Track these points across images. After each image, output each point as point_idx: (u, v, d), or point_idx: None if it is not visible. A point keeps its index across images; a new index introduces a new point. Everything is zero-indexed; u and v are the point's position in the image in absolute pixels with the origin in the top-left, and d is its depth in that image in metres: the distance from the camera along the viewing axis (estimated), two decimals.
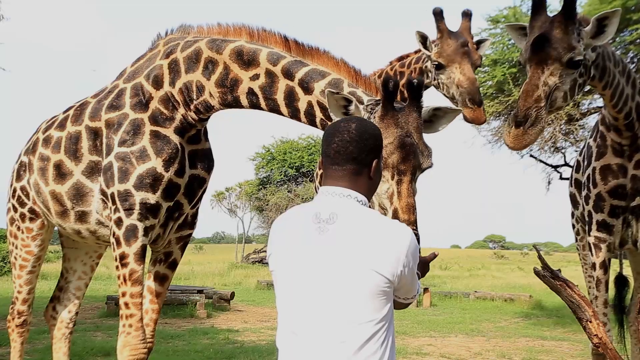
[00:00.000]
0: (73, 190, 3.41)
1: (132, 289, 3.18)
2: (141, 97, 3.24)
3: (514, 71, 9.84)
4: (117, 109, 3.26)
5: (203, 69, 3.10)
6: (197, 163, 3.37)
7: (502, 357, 7.35)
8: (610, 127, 4.06)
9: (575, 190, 5.02)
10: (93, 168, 3.35)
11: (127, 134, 3.17)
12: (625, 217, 4.18)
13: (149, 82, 3.25)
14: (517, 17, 9.69)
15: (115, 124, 3.22)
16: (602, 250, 4.24)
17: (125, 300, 3.20)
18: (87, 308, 11.19)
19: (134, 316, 3.19)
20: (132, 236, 3.17)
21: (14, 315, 4.04)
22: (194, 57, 3.13)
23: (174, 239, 3.61)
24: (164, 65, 3.23)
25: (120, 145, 3.16)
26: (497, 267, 34.91)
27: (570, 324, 9.97)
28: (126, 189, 3.12)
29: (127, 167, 3.12)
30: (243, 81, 2.99)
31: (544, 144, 10.45)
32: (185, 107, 3.21)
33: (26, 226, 3.84)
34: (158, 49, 3.35)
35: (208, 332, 8.74)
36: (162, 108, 3.21)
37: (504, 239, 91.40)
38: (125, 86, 3.32)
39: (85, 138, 3.35)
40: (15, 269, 3.94)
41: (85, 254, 4.38)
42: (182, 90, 3.19)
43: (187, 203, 3.41)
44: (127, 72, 3.43)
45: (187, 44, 3.20)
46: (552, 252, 62.46)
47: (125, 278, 3.19)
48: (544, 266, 3.05)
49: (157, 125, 3.18)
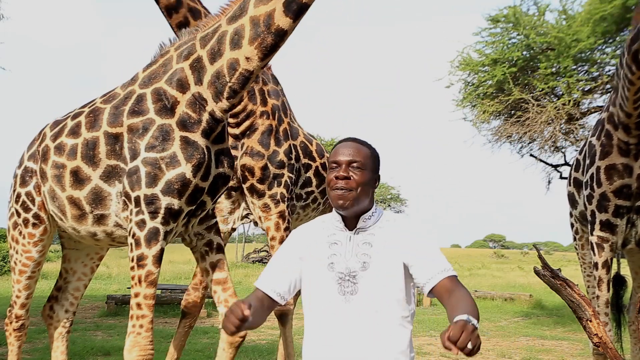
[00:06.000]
0: (92, 195, 3.46)
1: (147, 291, 3.21)
2: (165, 102, 3.27)
3: (514, 70, 9.83)
4: (140, 114, 3.29)
5: (231, 46, 3.11)
6: (223, 161, 3.43)
7: (502, 356, 7.35)
8: (618, 125, 4.03)
9: (574, 190, 4.99)
10: (111, 172, 3.38)
11: (155, 139, 3.20)
12: (630, 217, 4.16)
13: (173, 87, 3.28)
14: (517, 17, 9.69)
15: (140, 129, 3.25)
16: (604, 250, 4.23)
17: (138, 300, 3.22)
18: (87, 308, 11.20)
19: (145, 317, 3.21)
20: (154, 239, 3.20)
21: (12, 319, 4.03)
22: (217, 45, 3.15)
23: (203, 230, 3.66)
24: (185, 68, 3.27)
25: (148, 151, 3.19)
26: (497, 267, 34.92)
27: (571, 324, 9.98)
28: (153, 193, 3.17)
29: (156, 173, 3.17)
30: (276, 9, 2.97)
31: (544, 143, 10.45)
32: (215, 100, 3.24)
33: (28, 232, 3.83)
34: (170, 55, 3.38)
35: (208, 331, 8.74)
36: (190, 112, 3.25)
37: (504, 238, 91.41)
38: (143, 91, 3.35)
39: (103, 143, 3.38)
40: (15, 274, 3.93)
41: (86, 255, 4.38)
42: (212, 82, 3.21)
43: (210, 201, 3.47)
44: (140, 77, 3.45)
45: (207, 37, 3.22)
46: (552, 251, 62.46)
47: (141, 279, 3.21)
48: (544, 265, 3.05)
49: (186, 130, 3.23)
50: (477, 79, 10.63)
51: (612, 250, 4.26)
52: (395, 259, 1.83)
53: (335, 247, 1.89)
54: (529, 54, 10.04)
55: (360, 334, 1.77)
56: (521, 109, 10.31)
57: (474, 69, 10.48)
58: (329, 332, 1.80)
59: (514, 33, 10.06)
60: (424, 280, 1.79)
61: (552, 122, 9.88)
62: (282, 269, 1.97)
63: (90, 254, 4.39)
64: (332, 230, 1.93)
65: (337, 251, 1.87)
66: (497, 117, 11.03)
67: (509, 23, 9.96)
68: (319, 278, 1.86)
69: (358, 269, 1.81)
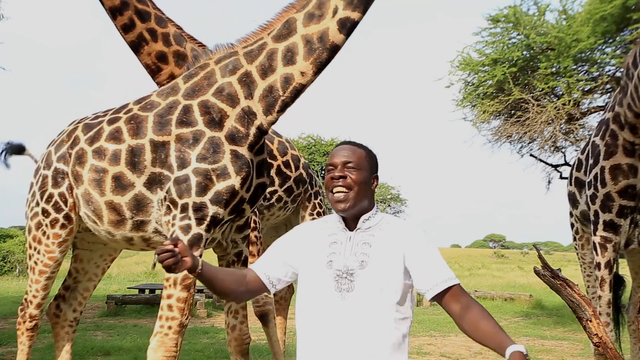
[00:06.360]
0: (134, 201, 3.52)
1: (181, 294, 3.28)
2: (213, 116, 3.39)
3: (514, 70, 9.83)
4: (189, 125, 3.40)
5: (284, 62, 3.32)
6: (262, 172, 3.60)
7: (502, 356, 7.34)
8: (624, 125, 4.01)
9: (576, 189, 4.96)
10: (154, 179, 3.46)
11: (207, 151, 3.33)
12: (633, 217, 4.15)
13: (222, 100, 3.40)
14: (517, 16, 9.69)
15: (190, 139, 3.36)
16: (607, 250, 4.22)
17: (170, 302, 3.28)
18: (88, 307, 11.20)
19: (175, 319, 3.28)
20: (196, 244, 3.28)
21: (25, 319, 4.01)
22: (267, 62, 3.35)
23: (239, 239, 3.80)
24: (234, 82, 3.40)
25: (199, 161, 3.32)
26: (497, 267, 34.93)
27: (571, 324, 9.98)
28: (202, 202, 3.29)
29: (207, 183, 3.30)
30: (330, 28, 3.21)
31: (544, 143, 10.45)
32: (265, 113, 3.41)
33: (55, 232, 3.82)
34: (211, 68, 3.49)
35: (208, 331, 8.75)
36: (239, 126, 3.39)
37: (504, 238, 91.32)
38: (189, 103, 3.45)
39: (149, 151, 3.45)
40: (34, 274, 3.91)
41: (99, 256, 4.38)
42: (263, 96, 3.38)
43: (248, 209, 3.61)
44: (182, 88, 3.54)
45: (253, 53, 3.39)
46: (552, 251, 62.42)
47: (177, 282, 3.27)
48: (544, 265, 3.05)
49: (235, 144, 3.37)
50: (477, 79, 10.64)
51: (615, 250, 4.25)
52: (393, 261, 1.85)
53: (335, 246, 1.92)
54: (529, 54, 10.05)
55: (355, 331, 1.78)
56: (521, 109, 10.32)
57: (474, 69, 10.48)
58: (324, 328, 1.82)
59: (514, 33, 10.06)
60: (427, 287, 1.84)
61: (552, 122, 9.88)
62: (278, 258, 2.02)
63: (103, 255, 4.41)
64: (333, 230, 1.97)
65: (336, 250, 1.90)
66: (497, 117, 11.03)
67: (509, 23, 9.96)
68: (317, 275, 1.89)
69: (356, 267, 1.84)
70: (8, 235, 22.39)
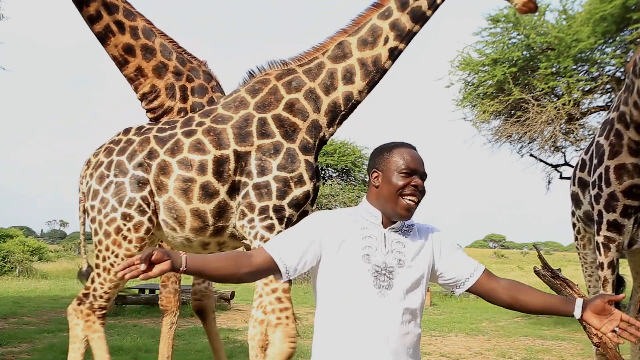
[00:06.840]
0: (217, 209, 3.81)
1: (284, 285, 3.57)
2: (287, 129, 3.79)
3: (514, 70, 9.84)
4: (268, 136, 3.79)
5: (344, 82, 3.81)
6: (318, 176, 3.96)
7: (502, 356, 7.35)
8: (630, 124, 4.00)
9: (579, 190, 4.94)
10: (234, 187, 3.80)
11: (285, 161, 3.74)
12: (637, 217, 4.14)
13: (294, 115, 3.82)
14: (517, 16, 9.69)
15: (272, 150, 3.77)
16: (611, 250, 4.21)
17: (277, 295, 3.58)
18: None
19: (288, 309, 3.58)
20: None
21: (94, 309, 4.08)
22: (329, 80, 3.82)
23: None
24: (300, 98, 3.82)
25: (279, 170, 3.73)
26: (497, 267, 34.87)
27: (571, 324, 9.98)
28: (281, 205, 3.73)
29: (286, 189, 3.72)
30: (382, 54, 3.77)
31: (544, 143, 10.46)
32: (328, 126, 3.88)
33: (138, 236, 3.92)
34: (274, 84, 3.86)
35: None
36: (308, 137, 3.83)
37: (504, 238, 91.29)
38: (264, 116, 3.82)
39: (233, 160, 3.79)
40: (109, 274, 4.01)
41: None
42: (328, 111, 3.85)
43: (310, 210, 3.96)
44: (250, 102, 3.88)
45: (312, 72, 3.84)
46: (552, 251, 62.36)
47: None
48: (544, 265, 3.06)
49: (307, 154, 3.81)
50: (477, 79, 10.65)
51: (618, 250, 4.24)
52: (425, 263, 1.91)
53: (369, 240, 1.89)
54: (529, 54, 10.06)
55: (391, 329, 1.81)
56: (521, 109, 10.33)
57: (474, 69, 10.49)
58: (360, 323, 1.81)
59: (514, 33, 10.08)
60: (466, 276, 1.93)
61: (552, 122, 9.89)
62: (297, 247, 1.88)
63: None
64: (364, 224, 1.93)
65: (371, 244, 1.88)
66: (497, 117, 11.04)
67: (509, 23, 9.97)
68: (352, 268, 1.85)
69: (395, 265, 1.86)
70: (8, 235, 22.34)
